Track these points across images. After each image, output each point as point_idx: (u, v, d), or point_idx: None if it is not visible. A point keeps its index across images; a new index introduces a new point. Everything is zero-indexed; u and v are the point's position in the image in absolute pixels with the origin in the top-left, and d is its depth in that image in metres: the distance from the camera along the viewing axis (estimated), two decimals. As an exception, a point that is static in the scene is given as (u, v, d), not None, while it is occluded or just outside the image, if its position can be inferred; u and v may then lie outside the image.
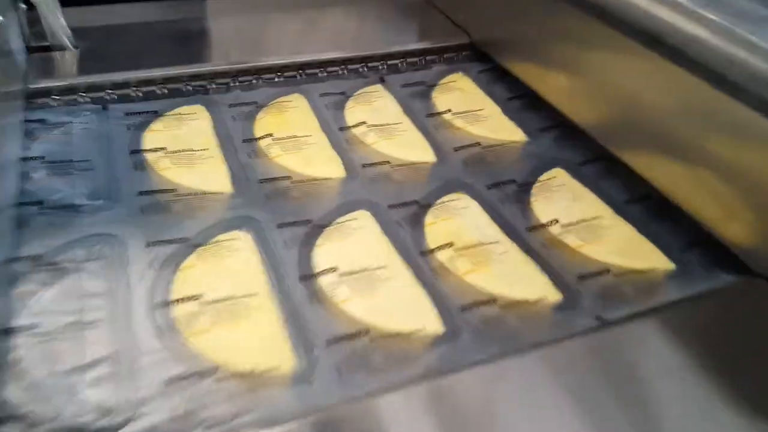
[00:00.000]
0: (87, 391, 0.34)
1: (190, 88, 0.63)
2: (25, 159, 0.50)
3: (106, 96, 0.60)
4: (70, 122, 0.56)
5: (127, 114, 0.58)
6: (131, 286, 0.40)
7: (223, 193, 0.50)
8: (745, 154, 0.43)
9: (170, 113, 0.58)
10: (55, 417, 0.32)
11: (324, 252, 0.45)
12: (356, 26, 0.78)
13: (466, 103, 0.66)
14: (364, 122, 0.61)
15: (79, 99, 0.59)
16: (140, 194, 0.48)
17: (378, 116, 0.63)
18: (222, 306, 0.39)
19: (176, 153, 0.53)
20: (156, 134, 0.55)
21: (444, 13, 0.80)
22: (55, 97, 0.59)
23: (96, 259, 0.42)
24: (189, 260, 0.42)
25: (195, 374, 0.35)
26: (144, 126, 0.56)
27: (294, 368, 0.36)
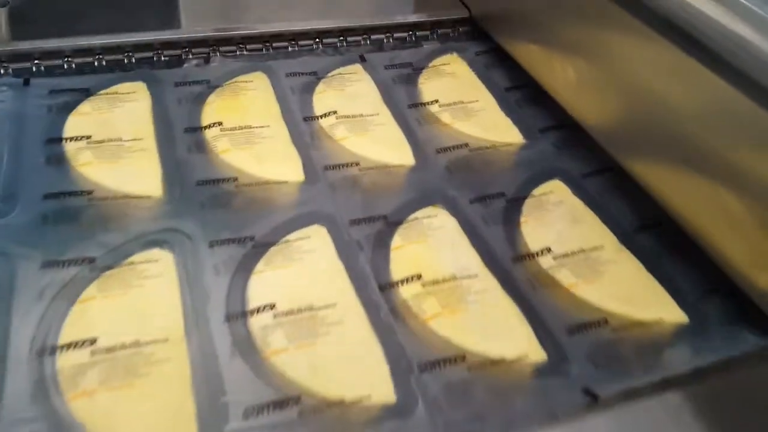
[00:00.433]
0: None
1: (134, 61, 0.54)
2: None
3: (33, 67, 0.51)
4: (-21, 99, 0.47)
5: (52, 92, 0.49)
6: (12, 325, 0.32)
7: (150, 198, 0.41)
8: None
9: (104, 92, 0.49)
10: None
11: (262, 282, 0.37)
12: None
13: (458, 93, 0.56)
14: (335, 112, 0.52)
15: (0, 70, 0.51)
16: (47, 197, 0.40)
17: (352, 105, 0.53)
18: (117, 357, 0.31)
19: (101, 144, 0.44)
20: (81, 118, 0.46)
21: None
22: (-31, 67, 0.50)
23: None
24: (89, 290, 0.34)
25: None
26: (69, 107, 0.47)
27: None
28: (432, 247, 0.42)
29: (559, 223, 0.45)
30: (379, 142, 0.50)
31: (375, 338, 0.35)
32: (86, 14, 0.56)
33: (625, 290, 0.40)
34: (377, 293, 0.38)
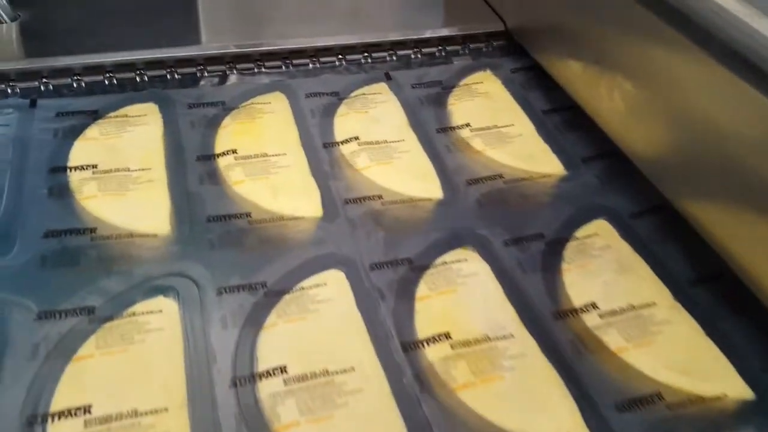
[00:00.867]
0: None
1: (146, 79, 0.51)
2: None
3: (41, 86, 0.49)
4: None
5: (59, 114, 0.46)
6: (3, 386, 0.29)
7: (157, 236, 0.38)
8: None
9: (113, 114, 0.47)
10: None
11: (273, 339, 0.33)
12: (363, 3, 0.64)
13: (491, 115, 0.52)
14: (356, 137, 0.49)
15: (7, 90, 0.48)
16: (47, 236, 0.37)
17: (375, 129, 0.50)
18: (112, 429, 0.28)
19: (108, 174, 0.41)
20: (88, 144, 0.44)
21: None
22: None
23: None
24: (87, 346, 0.31)
25: None
26: (76, 132, 0.45)
27: None
28: (462, 299, 0.38)
29: (606, 273, 0.40)
30: (404, 172, 0.46)
31: (397, 412, 0.31)
32: (98, 29, 0.54)
33: (681, 357, 0.35)
34: (400, 354, 0.34)
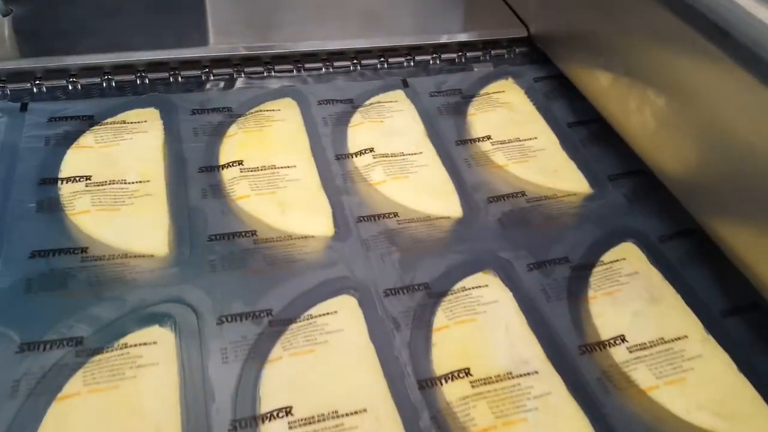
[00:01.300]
0: None
1: (147, 82, 0.48)
2: None
3: (33, 87, 0.46)
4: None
5: (52, 119, 0.43)
6: None
7: (153, 257, 0.35)
8: None
9: (110, 120, 0.44)
10: None
11: (278, 375, 0.30)
12: (380, 5, 0.60)
13: (513, 127, 0.49)
14: (371, 149, 0.46)
15: (-4, 91, 0.45)
16: (33, 256, 0.34)
17: (391, 140, 0.46)
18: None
19: (102, 186, 0.38)
20: (82, 153, 0.41)
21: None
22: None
23: None
24: (73, 383, 0.28)
25: None
26: (70, 139, 0.42)
27: None
28: (483, 330, 0.35)
29: (635, 302, 0.37)
30: (422, 188, 0.43)
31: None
32: (97, 27, 0.50)
33: (714, 397, 0.32)
34: (416, 393, 0.31)
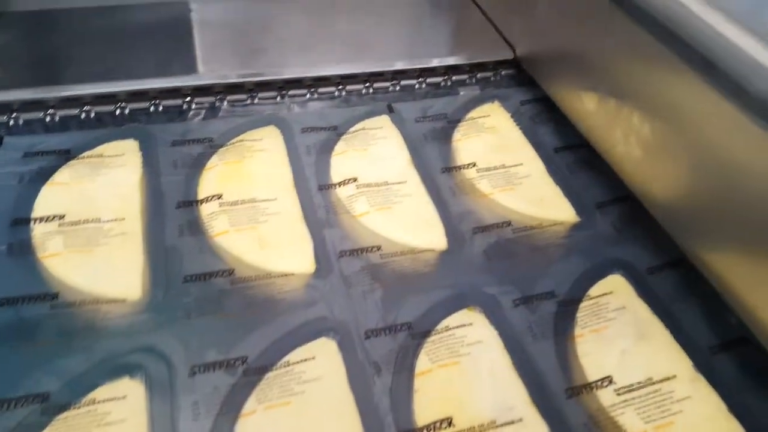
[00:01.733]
0: None
1: (127, 113, 0.47)
2: None
3: (10, 120, 0.45)
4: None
5: (27, 154, 0.42)
6: None
7: (126, 301, 0.34)
8: None
9: (87, 154, 0.43)
10: None
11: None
12: (366, 30, 0.60)
13: (499, 153, 0.48)
14: (355, 179, 0.45)
15: (-27, 125, 0.45)
16: (2, 304, 0.33)
17: (375, 169, 0.46)
18: None
19: (76, 226, 0.37)
20: (57, 190, 0.40)
21: (485, 13, 0.61)
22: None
23: None
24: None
25: None
26: (45, 175, 0.41)
27: None
28: (467, 375, 0.34)
29: (622, 340, 0.36)
30: (406, 219, 0.42)
31: None
32: (77, 57, 0.49)
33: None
34: (396, 446, 0.30)
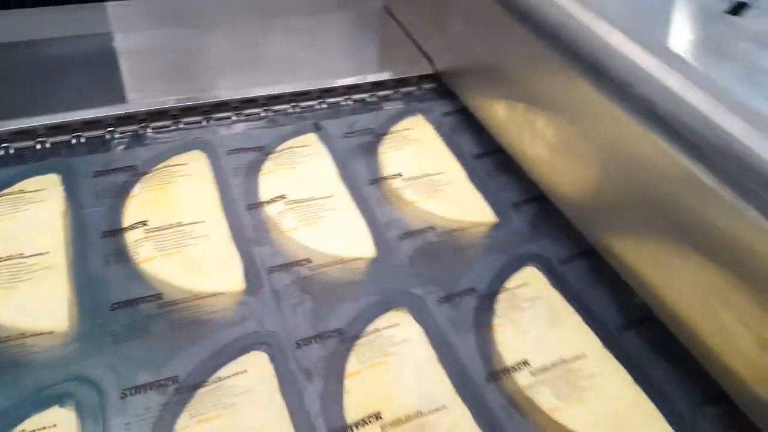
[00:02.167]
0: None
1: (48, 146, 0.47)
2: None
3: (-74, 162, 0.44)
4: None
5: (-58, 196, 0.42)
6: None
7: (53, 333, 0.34)
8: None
9: (7, 191, 0.42)
10: None
11: (185, 444, 0.31)
12: (294, 50, 0.62)
13: (423, 163, 0.51)
14: (283, 196, 0.46)
15: None
16: None
17: (303, 185, 0.47)
18: None
19: (-2, 263, 0.38)
20: (-23, 229, 0.40)
21: (406, 31, 0.64)
22: None
23: None
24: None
25: None
26: (-36, 215, 0.41)
27: None
28: (393, 372, 0.35)
29: (536, 327, 0.39)
30: (334, 231, 0.44)
31: None
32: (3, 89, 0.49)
33: (613, 413, 0.34)
34: (326, 446, 0.32)
